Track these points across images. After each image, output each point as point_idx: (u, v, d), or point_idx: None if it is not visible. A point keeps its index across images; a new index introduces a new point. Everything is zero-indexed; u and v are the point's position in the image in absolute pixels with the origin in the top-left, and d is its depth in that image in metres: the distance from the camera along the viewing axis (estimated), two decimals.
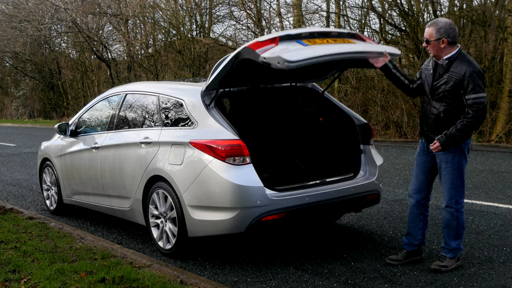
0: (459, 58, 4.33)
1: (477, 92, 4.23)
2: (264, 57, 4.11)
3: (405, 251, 4.73)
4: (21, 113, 29.65)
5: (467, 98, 4.26)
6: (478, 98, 4.23)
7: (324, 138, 5.68)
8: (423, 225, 4.71)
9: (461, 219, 4.49)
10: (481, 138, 11.95)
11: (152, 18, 21.67)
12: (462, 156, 4.46)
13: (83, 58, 26.53)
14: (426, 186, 4.66)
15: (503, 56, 12.24)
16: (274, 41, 4.25)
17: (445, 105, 4.36)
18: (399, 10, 13.66)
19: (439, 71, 4.41)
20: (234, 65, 4.47)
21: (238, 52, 4.36)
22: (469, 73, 4.23)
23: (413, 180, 4.71)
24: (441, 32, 4.30)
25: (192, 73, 19.15)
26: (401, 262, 4.69)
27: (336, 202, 5.00)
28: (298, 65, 4.06)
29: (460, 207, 4.47)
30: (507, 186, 7.60)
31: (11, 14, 26.59)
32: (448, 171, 4.44)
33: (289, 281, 4.46)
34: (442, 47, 4.33)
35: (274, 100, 6.03)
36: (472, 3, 13.33)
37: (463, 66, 4.27)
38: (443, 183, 4.49)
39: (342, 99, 14.70)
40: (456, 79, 4.28)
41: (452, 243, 4.53)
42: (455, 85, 4.29)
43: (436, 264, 4.54)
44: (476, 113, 4.25)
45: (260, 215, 4.53)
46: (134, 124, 5.71)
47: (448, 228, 4.52)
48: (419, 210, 4.68)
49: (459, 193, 4.47)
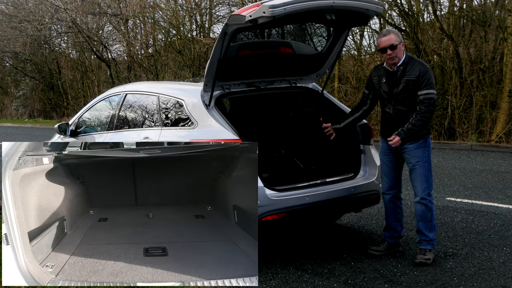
0: (410, 61, 4.67)
1: (429, 88, 4.58)
2: (250, 15, 4.21)
3: (387, 243, 5.00)
4: (21, 113, 29.63)
5: (419, 94, 4.59)
6: (429, 93, 4.57)
7: (324, 138, 5.68)
8: (401, 217, 5.03)
9: (433, 211, 4.78)
10: (481, 138, 11.95)
11: (152, 18, 21.67)
12: (429, 150, 4.79)
13: (83, 58, 26.52)
14: (398, 182, 4.97)
15: (503, 56, 12.23)
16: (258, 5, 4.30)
17: (412, 105, 4.64)
18: (399, 10, 13.65)
19: (394, 77, 4.69)
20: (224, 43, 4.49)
21: (225, 24, 4.42)
22: (423, 72, 4.58)
23: (385, 178, 4.99)
24: (400, 36, 4.67)
25: (192, 73, 19.14)
26: (383, 253, 4.96)
27: (336, 202, 5.01)
28: (283, 10, 4.14)
29: (432, 198, 4.80)
30: (507, 186, 7.59)
31: (11, 14, 26.58)
32: (420, 165, 4.71)
33: (289, 281, 4.46)
34: (403, 49, 4.69)
35: (274, 100, 6.03)
36: (472, 3, 13.32)
37: (417, 66, 4.62)
38: (415, 177, 4.75)
39: (342, 99, 14.69)
40: (414, 80, 4.60)
41: (429, 234, 4.76)
42: (414, 85, 4.61)
43: (420, 257, 4.72)
44: (427, 108, 4.58)
45: (260, 215, 4.53)
46: (134, 124, 5.71)
47: (423, 221, 4.75)
48: (394, 204, 4.97)
49: (430, 185, 4.76)
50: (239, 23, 4.30)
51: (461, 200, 6.87)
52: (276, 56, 5.27)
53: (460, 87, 12.56)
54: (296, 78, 5.54)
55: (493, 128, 12.00)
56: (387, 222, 5.04)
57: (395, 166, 4.92)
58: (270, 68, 5.32)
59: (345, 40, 5.33)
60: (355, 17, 4.84)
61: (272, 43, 5.50)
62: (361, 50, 15.67)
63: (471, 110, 12.31)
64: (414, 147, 4.71)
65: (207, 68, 4.70)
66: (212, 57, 4.60)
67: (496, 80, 12.49)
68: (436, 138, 12.52)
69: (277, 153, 5.82)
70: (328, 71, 5.65)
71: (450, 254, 4.91)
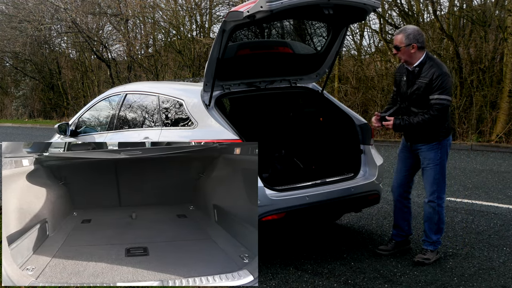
0: (427, 62, 4.55)
1: (441, 93, 4.46)
2: (248, 10, 4.20)
3: (394, 242, 5.00)
4: (21, 113, 29.61)
5: (431, 98, 4.49)
6: (441, 99, 4.46)
7: (324, 138, 5.68)
8: (408, 216, 5.00)
9: (442, 214, 4.73)
10: (481, 138, 11.94)
11: (152, 18, 21.66)
12: (444, 152, 4.70)
13: (83, 58, 26.51)
14: (407, 181, 4.93)
15: (503, 56, 12.22)
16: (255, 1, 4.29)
17: (424, 107, 4.56)
18: (399, 10, 13.65)
19: (411, 77, 4.61)
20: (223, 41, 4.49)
21: (223, 21, 4.41)
22: (436, 76, 4.46)
23: (396, 175, 4.97)
24: (411, 38, 4.52)
25: (192, 73, 19.13)
26: (391, 252, 4.95)
27: (336, 202, 5.01)
28: (281, 4, 4.14)
29: (441, 202, 4.72)
30: (507, 186, 7.59)
31: (11, 14, 26.55)
32: (431, 167, 4.68)
33: (289, 281, 4.46)
34: (412, 52, 4.55)
35: (274, 100, 6.03)
36: (472, 3, 13.32)
37: (432, 69, 4.50)
38: (426, 178, 4.72)
39: (342, 99, 14.69)
40: (426, 83, 4.49)
41: (433, 236, 4.75)
42: (426, 89, 4.52)
43: (419, 257, 4.73)
44: (435, 113, 4.47)
45: (260, 215, 4.53)
46: (134, 124, 5.71)
47: (429, 222, 4.74)
48: (402, 203, 4.94)
49: (441, 189, 4.71)
50: (237, 20, 4.30)
51: (461, 200, 6.87)
52: (275, 56, 5.28)
53: (460, 87, 12.56)
54: (296, 78, 5.54)
55: (493, 128, 11.99)
56: (395, 220, 5.04)
57: (408, 165, 4.89)
58: (270, 68, 5.32)
59: (343, 38, 5.32)
60: (352, 12, 4.83)
61: (272, 42, 5.50)
62: (361, 50, 15.67)
63: (471, 110, 12.31)
64: (427, 149, 4.68)
65: (207, 67, 4.70)
66: (211, 56, 4.60)
67: (496, 80, 12.49)
68: None
69: (277, 153, 5.82)
70: (327, 70, 5.64)
71: (450, 254, 4.91)
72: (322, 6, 4.53)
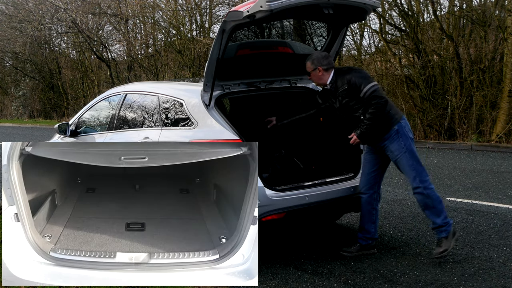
0: (338, 77, 4.78)
1: (366, 84, 4.62)
2: (247, 10, 4.22)
3: (359, 245, 5.00)
4: (21, 113, 29.61)
5: (362, 93, 4.63)
6: (370, 86, 4.61)
7: (324, 138, 5.68)
8: (375, 219, 5.01)
9: (434, 195, 4.71)
10: (481, 138, 11.94)
11: (152, 18, 21.67)
12: (406, 138, 4.74)
13: (83, 58, 26.51)
14: (375, 182, 4.97)
15: (503, 56, 12.22)
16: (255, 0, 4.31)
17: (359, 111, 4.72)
18: (399, 10, 13.65)
19: (333, 94, 4.85)
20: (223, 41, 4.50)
21: (223, 21, 4.42)
22: (349, 77, 4.68)
23: (363, 177, 4.99)
24: (315, 63, 4.79)
25: (192, 73, 19.14)
26: (354, 254, 4.96)
27: (336, 202, 5.01)
28: (281, 3, 4.16)
29: (427, 184, 4.71)
30: (507, 186, 7.60)
31: (11, 14, 26.56)
32: (400, 157, 4.73)
33: (289, 281, 4.46)
34: (320, 75, 4.82)
35: (274, 100, 6.03)
36: (472, 3, 13.32)
37: (344, 77, 4.72)
38: (402, 169, 4.79)
39: None
40: (347, 88, 4.69)
41: (437, 219, 4.71)
42: (351, 92, 4.69)
43: (437, 251, 4.70)
44: (375, 100, 4.59)
45: (260, 215, 4.53)
46: (134, 124, 5.71)
47: (427, 208, 4.74)
48: (370, 205, 4.97)
49: (420, 172, 4.71)
50: (237, 19, 4.31)
51: (461, 200, 6.87)
52: (275, 56, 5.28)
53: (460, 87, 12.56)
54: (296, 78, 5.54)
55: (493, 128, 12.00)
56: (360, 223, 5.05)
57: (374, 165, 4.94)
58: (270, 68, 5.32)
59: (343, 38, 5.33)
60: (352, 12, 4.84)
61: (272, 42, 5.50)
62: (361, 50, 15.67)
63: (471, 110, 12.31)
64: (389, 142, 4.74)
65: (206, 67, 4.70)
66: (211, 56, 4.60)
67: (496, 80, 12.49)
68: (436, 138, 12.52)
69: (277, 153, 5.81)
70: None
71: (450, 254, 4.90)
72: (322, 6, 4.54)
